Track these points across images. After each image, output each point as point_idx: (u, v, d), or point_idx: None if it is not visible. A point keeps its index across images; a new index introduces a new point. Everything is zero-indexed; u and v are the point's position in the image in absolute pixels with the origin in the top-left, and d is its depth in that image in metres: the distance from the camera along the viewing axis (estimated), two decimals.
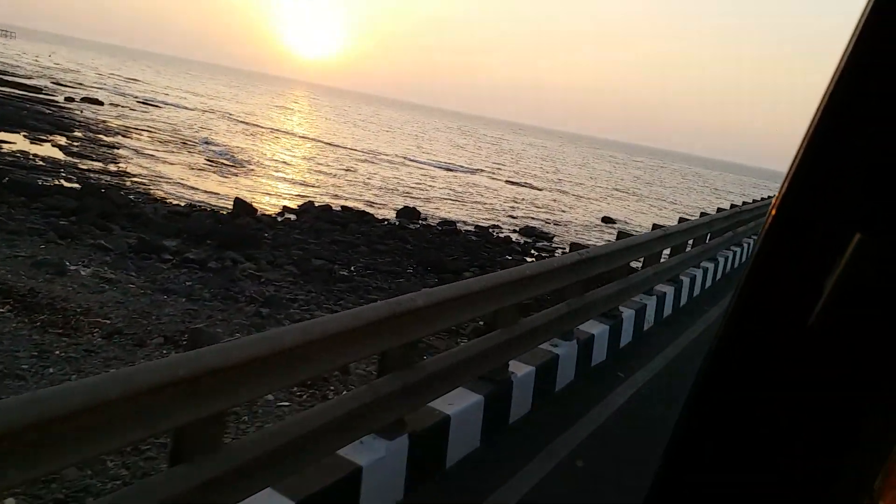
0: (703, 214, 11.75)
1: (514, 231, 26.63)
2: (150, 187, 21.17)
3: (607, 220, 34.60)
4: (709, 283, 11.40)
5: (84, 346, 6.19)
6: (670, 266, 8.91)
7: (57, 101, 42.36)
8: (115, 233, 13.40)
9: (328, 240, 17.45)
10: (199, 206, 19.35)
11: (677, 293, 9.41)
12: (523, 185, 43.95)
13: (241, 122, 52.28)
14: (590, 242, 27.62)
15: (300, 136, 49.44)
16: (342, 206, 23.44)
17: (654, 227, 8.65)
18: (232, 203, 20.20)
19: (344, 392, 5.60)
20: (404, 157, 48.54)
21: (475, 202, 32.43)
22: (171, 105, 56.26)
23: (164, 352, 6.44)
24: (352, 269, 15.02)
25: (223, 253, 13.22)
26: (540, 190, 43.60)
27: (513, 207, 32.96)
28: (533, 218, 30.70)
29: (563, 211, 35.37)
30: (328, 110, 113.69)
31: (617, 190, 54.41)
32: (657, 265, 8.26)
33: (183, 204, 19.38)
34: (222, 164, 29.22)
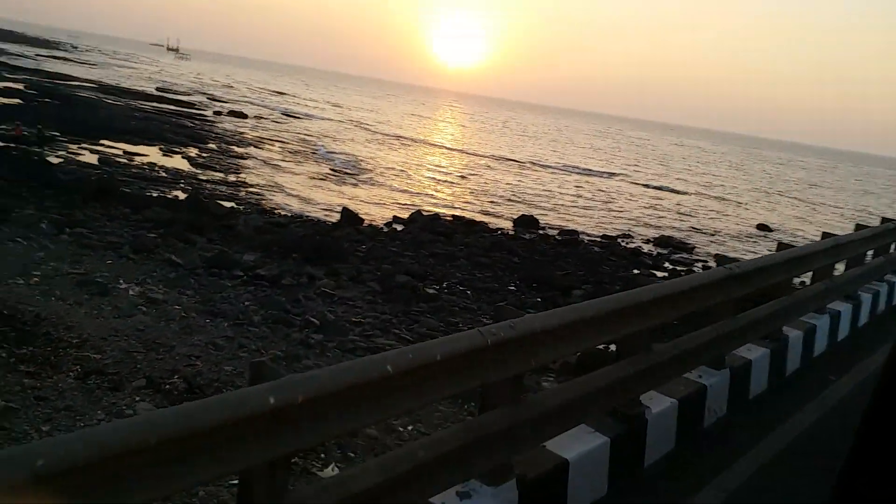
0: (825, 235, 7.96)
1: (648, 241, 24.07)
2: (264, 197, 21.10)
3: (763, 227, 30.82)
4: (843, 333, 7.89)
5: (45, 389, 5.23)
6: (767, 314, 5.92)
7: (205, 115, 44.94)
8: (198, 245, 12.95)
9: (427, 252, 16.22)
10: (304, 217, 18.88)
11: (778, 356, 6.23)
12: (664, 190, 40.58)
13: (375, 131, 52.88)
14: (738, 254, 24.40)
15: (429, 144, 49.10)
16: (453, 216, 22.19)
17: (780, 246, 6.03)
18: (339, 213, 19.64)
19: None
20: (534, 162, 46.69)
21: (606, 209, 30.04)
22: (312, 116, 58.25)
23: (137, 399, 5.35)
24: (443, 285, 13.63)
25: (303, 268, 12.34)
26: (684, 194, 40.02)
27: (649, 214, 30.17)
28: (672, 226, 27.82)
29: (711, 218, 31.96)
30: (465, 117, 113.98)
31: (776, 193, 49.12)
32: (723, 324, 5.23)
33: (289, 214, 19.01)
34: (345, 173, 29.09)
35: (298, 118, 55.09)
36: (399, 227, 19.77)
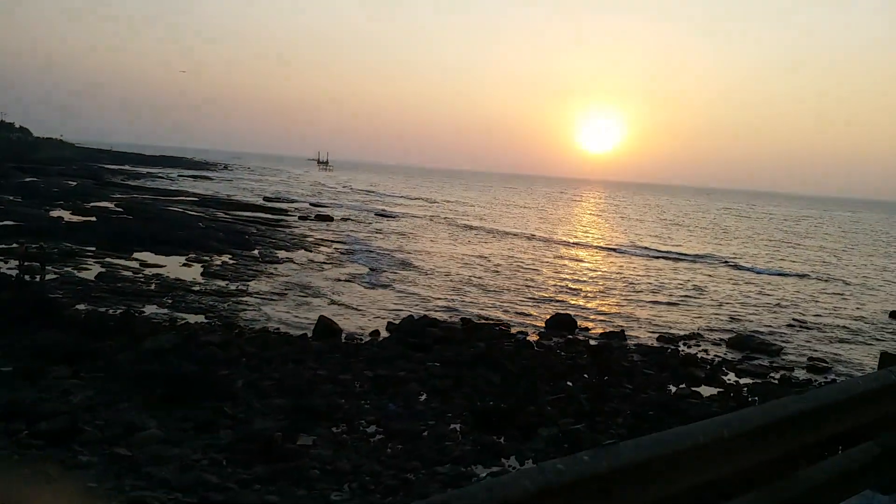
0: None
1: (719, 343, 19.11)
2: (247, 307, 18.82)
3: None
4: None
5: None
6: None
7: (286, 221, 44.89)
8: (45, 382, 10.54)
9: (372, 373, 12.85)
10: (268, 331, 16.23)
11: None
12: (772, 274, 34.32)
13: (457, 224, 50.57)
14: (852, 353, 18.71)
15: (511, 234, 45.56)
16: (462, 319, 18.71)
17: None
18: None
19: None
20: (621, 248, 41.84)
21: (687, 302, 25.07)
22: (402, 216, 57.13)
23: None
24: (342, 427, 10.16)
25: (126, 415, 9.47)
26: (799, 277, 33.59)
27: (740, 306, 24.84)
28: (764, 322, 22.47)
29: (823, 307, 25.87)
30: (573, 203, 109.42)
31: None
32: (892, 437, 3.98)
33: (252, 328, 16.46)
34: (381, 272, 26.56)
35: (389, 217, 54.27)
36: (382, 336, 16.63)
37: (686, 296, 26.29)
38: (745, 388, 14.69)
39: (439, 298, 22.23)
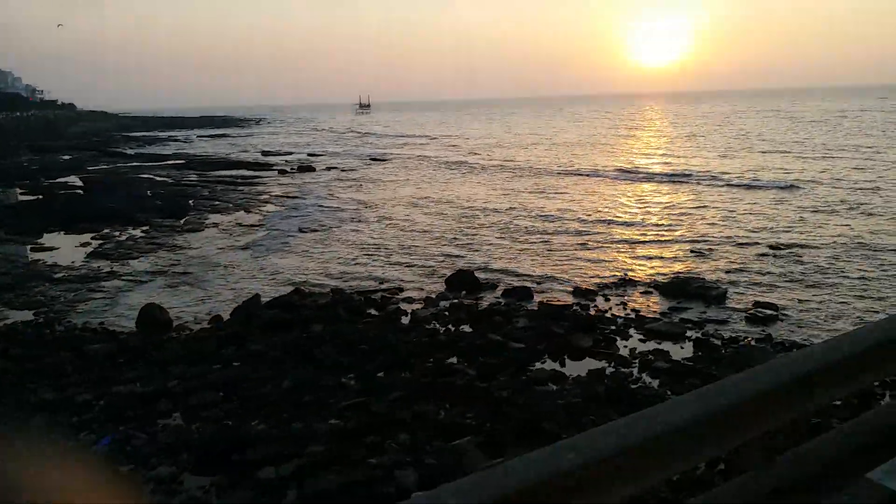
0: None
1: (651, 289, 15.83)
2: (96, 299, 16.46)
3: None
4: None
5: None
6: None
7: (261, 178, 42.61)
8: None
9: (127, 390, 10.28)
10: (88, 328, 13.91)
11: None
12: (779, 188, 29.96)
13: (444, 162, 47.02)
14: (796, 299, 14.91)
15: (491, 168, 41.61)
16: (331, 290, 15.98)
17: None
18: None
19: None
20: (609, 172, 37.72)
21: (639, 238, 21.54)
22: (399, 157, 54.19)
23: None
24: None
25: None
26: (812, 189, 29.12)
27: (710, 237, 21.16)
28: (729, 257, 18.92)
29: (824, 231, 21.80)
30: (596, 123, 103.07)
31: None
32: None
33: (80, 326, 14.17)
34: (300, 234, 23.90)
35: (379, 161, 51.57)
36: (224, 321, 14.03)
37: (650, 227, 22.70)
38: (636, 361, 11.50)
39: (338, 263, 19.43)
